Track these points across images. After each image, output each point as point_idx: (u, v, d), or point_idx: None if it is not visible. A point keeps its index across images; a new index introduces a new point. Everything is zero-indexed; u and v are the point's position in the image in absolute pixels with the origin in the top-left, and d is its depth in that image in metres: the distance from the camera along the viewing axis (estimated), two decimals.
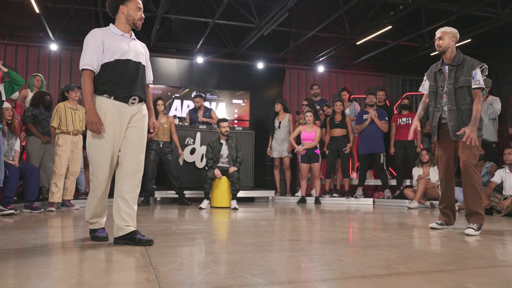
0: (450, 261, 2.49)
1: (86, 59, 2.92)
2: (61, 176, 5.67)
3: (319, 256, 2.61)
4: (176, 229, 3.81)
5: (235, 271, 2.19)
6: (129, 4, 3.05)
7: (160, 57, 9.32)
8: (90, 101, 2.92)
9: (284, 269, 2.27)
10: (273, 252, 2.77)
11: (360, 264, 2.39)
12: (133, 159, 3.03)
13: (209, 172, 6.26)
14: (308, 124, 7.32)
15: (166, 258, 2.49)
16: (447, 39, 3.84)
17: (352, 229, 4.04)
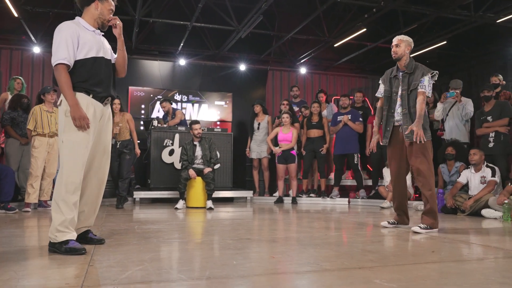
0: (378, 258, 2.61)
1: (62, 53, 2.78)
2: (37, 177, 5.79)
3: (255, 254, 2.73)
4: (137, 229, 3.93)
5: (165, 268, 2.32)
6: (105, 3, 2.99)
7: (142, 59, 9.43)
8: (73, 95, 2.78)
9: (213, 266, 2.39)
10: (215, 250, 2.89)
11: (289, 261, 2.51)
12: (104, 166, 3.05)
13: (183, 173, 6.39)
14: (285, 125, 7.45)
15: (108, 256, 2.61)
16: (403, 47, 4.01)
17: (308, 228, 4.16)
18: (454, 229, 4.22)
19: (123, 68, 3.21)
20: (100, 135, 3.00)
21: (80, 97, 2.84)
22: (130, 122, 6.63)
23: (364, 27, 7.64)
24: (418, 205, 6.23)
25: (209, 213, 5.73)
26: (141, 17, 7.61)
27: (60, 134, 2.86)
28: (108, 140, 3.08)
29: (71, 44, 2.80)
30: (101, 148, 3.02)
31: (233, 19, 7.94)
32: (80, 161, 2.81)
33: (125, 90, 9.05)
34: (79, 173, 2.81)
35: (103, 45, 3.02)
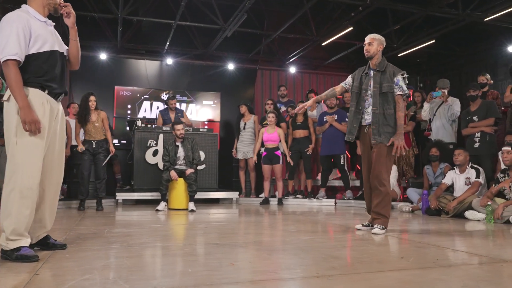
0: (342, 265, 2.51)
1: (13, 48, 2.56)
2: None
3: (216, 261, 2.62)
4: (107, 233, 3.82)
5: (114, 277, 2.21)
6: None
7: (129, 58, 9.32)
8: (24, 96, 2.59)
9: (165, 274, 2.28)
10: (176, 257, 2.78)
11: (248, 269, 2.41)
12: (60, 167, 2.94)
13: (164, 174, 6.28)
14: (270, 125, 7.34)
15: (60, 263, 2.50)
16: (375, 45, 3.99)
17: (283, 231, 4.06)
18: (434, 232, 4.12)
19: (77, 60, 3.03)
20: (56, 134, 2.87)
21: (35, 93, 2.69)
22: (105, 121, 6.44)
23: (350, 26, 7.54)
24: (403, 206, 6.13)
25: (191, 215, 5.63)
26: (124, 15, 7.48)
27: (11, 135, 2.63)
28: (63, 140, 2.96)
29: (22, 38, 2.60)
30: (56, 148, 2.89)
31: (219, 18, 7.82)
32: (37, 165, 2.66)
33: (111, 90, 8.95)
34: (36, 178, 2.66)
35: (57, 37, 2.86)
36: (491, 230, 4.30)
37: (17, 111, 2.61)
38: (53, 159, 2.86)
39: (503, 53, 8.41)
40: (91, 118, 6.25)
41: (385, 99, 3.86)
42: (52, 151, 2.86)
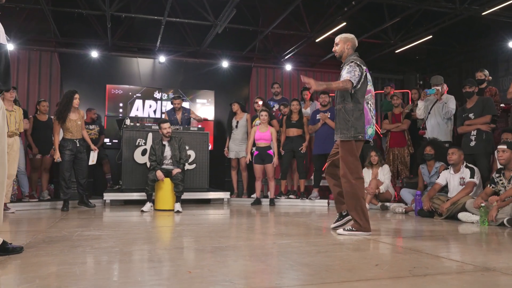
0: (306, 274, 2.32)
1: None
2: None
3: (173, 268, 2.44)
4: (75, 236, 3.65)
5: (58, 285, 2.04)
6: None
7: (120, 56, 9.17)
8: None
9: (109, 284, 2.10)
10: (133, 263, 2.61)
11: (203, 278, 2.22)
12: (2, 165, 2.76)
13: (150, 174, 6.11)
14: (263, 124, 7.16)
15: (6, 270, 2.33)
16: (341, 44, 3.93)
17: (262, 234, 3.87)
18: (421, 235, 3.91)
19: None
20: (4, 133, 2.73)
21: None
22: (83, 120, 6.35)
23: (344, 21, 7.31)
24: (396, 207, 5.91)
25: (176, 216, 5.46)
26: (113, 12, 7.33)
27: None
28: (4, 136, 2.77)
29: None
30: (3, 147, 2.74)
31: (210, 14, 7.64)
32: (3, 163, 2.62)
33: (103, 88, 8.80)
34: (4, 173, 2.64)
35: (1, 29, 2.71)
36: (484, 233, 4.09)
37: None
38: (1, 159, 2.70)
39: (504, 49, 8.16)
40: (71, 116, 6.11)
41: (341, 93, 3.77)
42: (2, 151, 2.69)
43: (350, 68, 3.68)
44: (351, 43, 3.91)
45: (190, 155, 7.22)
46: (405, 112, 6.94)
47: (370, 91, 3.85)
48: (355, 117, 3.68)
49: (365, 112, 3.73)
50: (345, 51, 3.89)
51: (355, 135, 3.68)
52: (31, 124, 6.68)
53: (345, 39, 3.92)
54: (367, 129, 3.73)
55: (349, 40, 3.91)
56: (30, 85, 8.63)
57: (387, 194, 6.46)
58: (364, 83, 3.77)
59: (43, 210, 6.13)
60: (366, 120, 3.72)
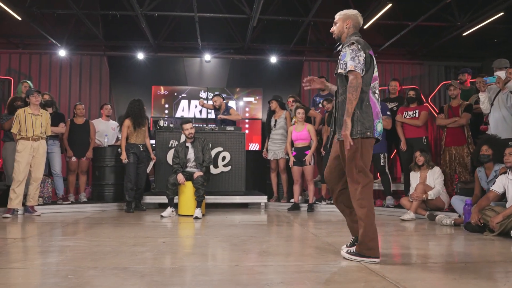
0: None
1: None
2: (19, 182, 5.60)
3: None
4: (48, 244, 3.41)
5: None
6: None
7: (166, 56, 9.07)
8: None
9: None
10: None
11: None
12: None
13: (171, 178, 5.80)
14: (299, 122, 6.54)
15: None
16: (340, 23, 3.17)
17: (265, 253, 3.30)
18: (451, 261, 3.07)
19: None
20: None
21: None
22: (146, 127, 6.55)
23: (389, 3, 6.38)
24: (443, 218, 4.94)
25: (195, 223, 5.10)
26: (146, 11, 7.18)
27: None
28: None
29: None
30: None
31: (245, 5, 7.18)
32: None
33: (148, 89, 8.76)
34: None
35: None
36: None
37: None
38: None
39: None
40: (144, 123, 6.41)
41: (340, 82, 3.04)
42: None
43: (353, 52, 2.92)
44: (352, 21, 3.15)
45: (222, 157, 6.85)
46: (464, 104, 5.86)
47: (376, 78, 3.07)
48: (363, 110, 2.93)
49: (372, 104, 2.96)
50: (344, 31, 3.14)
51: (362, 132, 2.90)
52: (68, 127, 6.76)
53: (345, 17, 3.16)
54: (376, 124, 2.97)
55: (350, 18, 3.15)
56: (82, 88, 8.86)
57: (438, 202, 5.48)
58: (371, 69, 3.00)
59: (74, 213, 6.11)
60: (374, 113, 2.96)
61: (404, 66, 9.35)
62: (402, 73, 9.31)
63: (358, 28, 3.19)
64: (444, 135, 6.04)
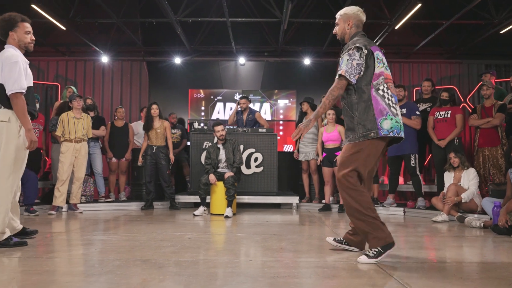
0: None
1: (22, 83, 3.21)
2: (63, 181, 6.00)
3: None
4: (73, 238, 3.70)
5: None
6: (18, 30, 3.34)
7: (202, 60, 9.35)
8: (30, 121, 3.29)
9: None
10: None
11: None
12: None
13: (203, 178, 6.03)
14: (330, 123, 6.60)
15: None
16: (341, 24, 3.14)
17: (270, 249, 3.42)
18: (461, 265, 3.07)
19: None
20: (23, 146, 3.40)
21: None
22: (167, 130, 6.81)
23: (419, 2, 6.31)
24: (472, 220, 4.86)
25: (225, 221, 5.29)
26: (180, 18, 7.46)
27: (11, 150, 3.24)
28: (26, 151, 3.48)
29: (24, 74, 3.24)
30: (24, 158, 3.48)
31: (275, 9, 7.32)
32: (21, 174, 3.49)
33: (186, 93, 9.07)
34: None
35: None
36: None
37: (18, 131, 3.29)
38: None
39: None
40: (154, 125, 6.67)
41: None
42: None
43: (349, 57, 2.89)
44: (354, 20, 3.10)
45: (255, 158, 7.01)
46: (497, 104, 5.71)
47: (381, 73, 2.94)
48: (360, 111, 2.91)
49: (374, 102, 2.88)
50: (346, 32, 3.11)
51: (364, 134, 2.88)
52: (109, 130, 7.13)
53: (345, 17, 3.11)
54: (381, 122, 2.86)
55: (350, 18, 3.10)
56: (123, 92, 9.30)
57: (471, 204, 5.37)
58: (370, 68, 2.92)
59: (113, 211, 6.46)
60: (377, 111, 2.88)
61: (442, 65, 9.15)
62: (439, 73, 9.12)
63: (361, 26, 3.14)
64: (477, 136, 5.91)
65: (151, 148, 6.68)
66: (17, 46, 3.35)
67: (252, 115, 7.63)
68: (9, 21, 3.33)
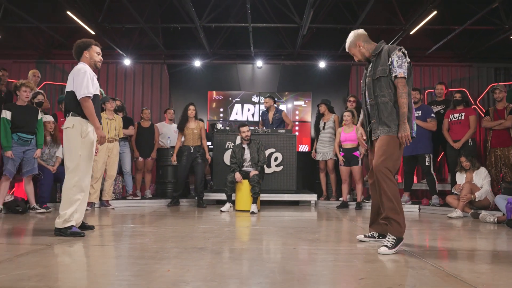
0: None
1: (90, 89, 3.78)
2: (96, 178, 6.35)
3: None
4: (124, 230, 4.05)
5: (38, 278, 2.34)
6: (91, 50, 3.96)
7: (221, 63, 9.70)
8: (98, 120, 3.86)
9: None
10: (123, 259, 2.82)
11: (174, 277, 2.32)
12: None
13: (229, 176, 6.38)
14: (347, 124, 6.93)
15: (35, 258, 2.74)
16: (354, 51, 3.48)
17: (289, 239, 3.76)
18: (477, 254, 3.41)
19: None
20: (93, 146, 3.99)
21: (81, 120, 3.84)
22: (202, 130, 7.07)
23: (434, 10, 6.65)
24: (486, 216, 5.19)
25: (252, 217, 5.63)
26: (204, 23, 7.82)
27: (77, 150, 3.76)
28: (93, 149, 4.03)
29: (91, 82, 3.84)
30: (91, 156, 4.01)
31: (295, 15, 7.66)
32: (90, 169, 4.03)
33: (205, 94, 9.42)
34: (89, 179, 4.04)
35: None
36: None
37: (81, 135, 3.79)
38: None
39: None
40: (189, 125, 6.94)
41: (378, 85, 3.27)
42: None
43: (399, 59, 3.18)
44: (361, 39, 3.42)
45: (275, 157, 7.35)
46: (510, 107, 6.05)
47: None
48: (395, 111, 3.22)
49: (410, 106, 3.24)
50: (364, 52, 3.42)
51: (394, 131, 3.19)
52: (136, 130, 7.49)
53: (353, 44, 3.46)
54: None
55: (357, 40, 3.43)
56: (144, 94, 9.66)
57: (484, 201, 5.70)
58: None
59: (141, 207, 6.81)
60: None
61: (452, 68, 9.48)
62: (450, 76, 9.44)
63: (367, 38, 3.46)
64: (490, 137, 6.25)
65: (188, 148, 6.91)
66: (88, 63, 3.96)
67: (279, 114, 7.96)
68: (85, 43, 3.98)
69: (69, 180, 3.77)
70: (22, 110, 5.62)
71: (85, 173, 3.88)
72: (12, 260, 2.71)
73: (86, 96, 3.76)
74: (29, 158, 5.63)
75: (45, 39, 9.73)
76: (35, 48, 9.62)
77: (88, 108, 3.77)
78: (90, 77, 3.82)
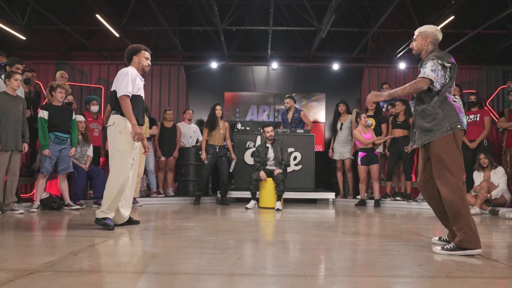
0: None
1: (128, 88, 3.97)
2: (140, 175, 6.58)
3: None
4: (168, 225, 4.27)
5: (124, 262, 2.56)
6: (140, 55, 4.23)
7: (236, 65, 9.94)
8: (134, 118, 4.00)
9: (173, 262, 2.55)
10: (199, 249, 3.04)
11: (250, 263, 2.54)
12: None
13: (254, 174, 6.60)
14: (362, 126, 7.17)
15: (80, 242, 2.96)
16: (419, 40, 3.44)
17: (325, 232, 4.01)
18: (494, 246, 3.65)
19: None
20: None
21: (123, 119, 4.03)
22: (227, 130, 7.25)
23: (452, 15, 6.91)
24: (506, 212, 5.45)
25: (277, 213, 5.85)
26: (225, 26, 8.04)
27: (116, 146, 3.97)
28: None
29: (131, 82, 4.01)
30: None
31: (314, 19, 7.90)
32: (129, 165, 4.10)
33: (221, 95, 9.64)
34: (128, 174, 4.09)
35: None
36: None
37: (119, 131, 3.98)
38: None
39: None
40: (218, 126, 7.10)
41: (418, 94, 3.32)
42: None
43: (434, 65, 3.16)
44: (431, 38, 3.39)
45: (294, 156, 7.59)
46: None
47: (453, 83, 3.28)
48: (445, 109, 3.17)
49: (453, 104, 3.20)
50: (423, 48, 3.40)
51: (452, 126, 3.11)
52: (159, 130, 7.70)
53: (424, 34, 3.41)
54: (462, 117, 3.20)
55: (429, 36, 3.39)
56: (161, 95, 9.88)
57: (501, 199, 5.96)
58: (452, 78, 3.24)
59: (166, 205, 7.03)
60: (457, 108, 3.21)
61: (462, 70, 9.74)
62: (459, 78, 9.70)
63: (437, 44, 3.41)
64: (505, 137, 6.51)
65: (213, 147, 7.07)
66: (136, 67, 4.20)
67: (298, 114, 8.15)
68: (135, 48, 4.25)
69: (110, 175, 3.99)
70: (58, 110, 5.83)
71: (124, 169, 3.99)
72: (86, 249, 2.92)
73: (124, 94, 3.94)
74: (64, 156, 5.85)
75: (64, 40, 9.94)
76: (55, 50, 9.82)
77: (125, 106, 3.95)
78: (132, 78, 4.01)
